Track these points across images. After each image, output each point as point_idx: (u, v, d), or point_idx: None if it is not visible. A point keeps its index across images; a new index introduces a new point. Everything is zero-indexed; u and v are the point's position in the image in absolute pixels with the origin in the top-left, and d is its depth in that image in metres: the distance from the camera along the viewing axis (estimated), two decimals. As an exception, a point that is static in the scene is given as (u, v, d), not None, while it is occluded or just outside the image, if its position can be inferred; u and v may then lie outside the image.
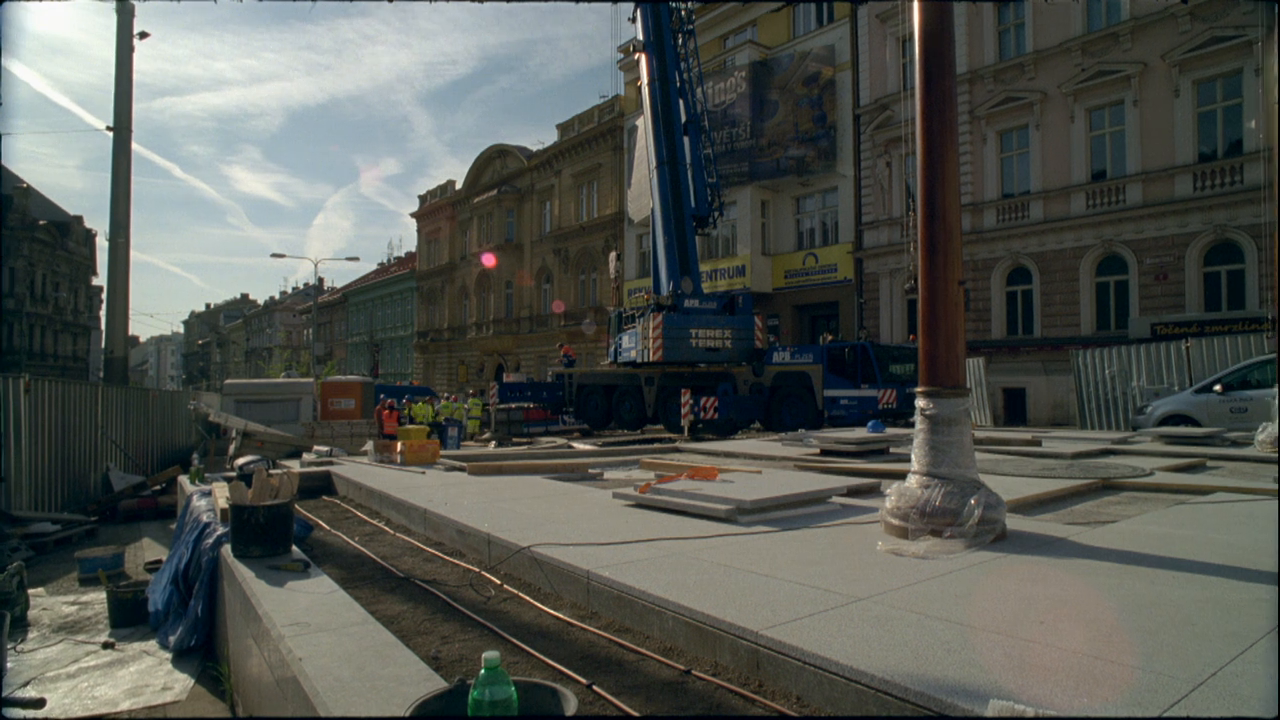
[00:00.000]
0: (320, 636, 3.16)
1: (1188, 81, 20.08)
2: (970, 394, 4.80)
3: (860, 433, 10.69)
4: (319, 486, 8.71)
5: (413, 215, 58.05)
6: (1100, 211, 21.35)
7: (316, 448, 11.72)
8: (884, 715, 2.36)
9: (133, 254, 19.61)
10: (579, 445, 13.47)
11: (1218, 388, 13.27)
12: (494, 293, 46.33)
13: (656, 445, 12.86)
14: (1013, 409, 21.69)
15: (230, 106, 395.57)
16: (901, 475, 4.72)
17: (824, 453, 9.51)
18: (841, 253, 27.76)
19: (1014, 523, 4.69)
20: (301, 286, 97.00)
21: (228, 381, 25.09)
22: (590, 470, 8.70)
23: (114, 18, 19.35)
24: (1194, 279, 19.87)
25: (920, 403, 4.54)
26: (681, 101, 21.06)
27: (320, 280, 75.61)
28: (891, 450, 9.44)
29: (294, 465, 9.71)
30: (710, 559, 4.06)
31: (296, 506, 6.16)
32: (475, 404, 23.06)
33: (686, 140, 20.88)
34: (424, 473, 8.47)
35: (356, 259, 64.92)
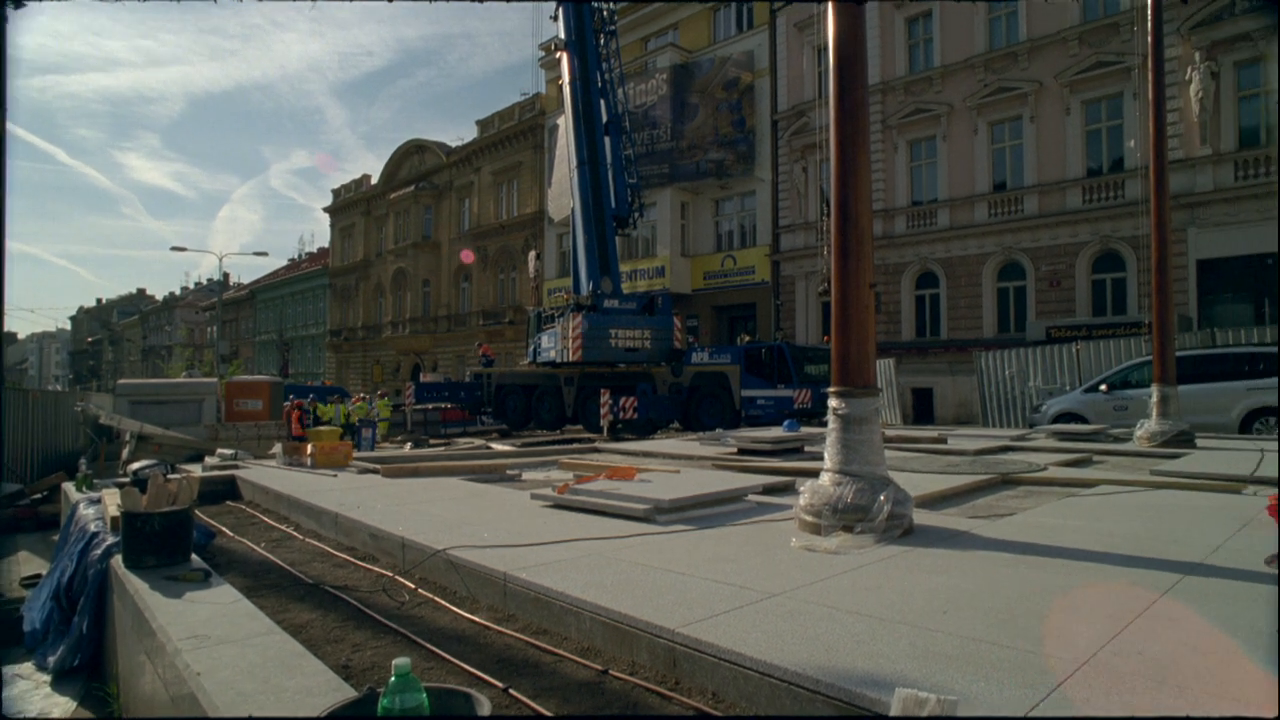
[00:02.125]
0: (221, 649, 3.01)
1: (1077, 101, 21.37)
2: (881, 394, 4.97)
3: (776, 432, 10.93)
4: (223, 491, 8.32)
5: (325, 210, 56.11)
6: (1001, 220, 22.48)
7: (220, 451, 11.19)
8: (796, 707, 2.42)
9: (9, 243, 18.25)
10: (497, 446, 13.30)
11: (1103, 387, 14.16)
12: (410, 291, 45.24)
13: (576, 445, 12.82)
14: (921, 408, 22.59)
15: (124, 89, 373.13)
16: (815, 473, 4.85)
17: (741, 452, 9.68)
18: (759, 255, 28.33)
19: (921, 517, 4.89)
20: (205, 282, 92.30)
21: (121, 382, 23.68)
22: (508, 471, 8.60)
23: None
24: (1083, 285, 21.17)
25: (833, 402, 4.67)
26: (603, 101, 21.04)
27: (226, 276, 72.32)
28: (806, 449, 9.69)
29: (195, 469, 9.25)
30: (628, 558, 4.07)
31: (197, 513, 5.87)
32: (384, 405, 22.45)
33: (607, 140, 20.88)
34: (336, 475, 8.20)
35: (265, 254, 62.43)
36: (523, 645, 3.31)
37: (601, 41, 21.38)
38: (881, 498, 4.32)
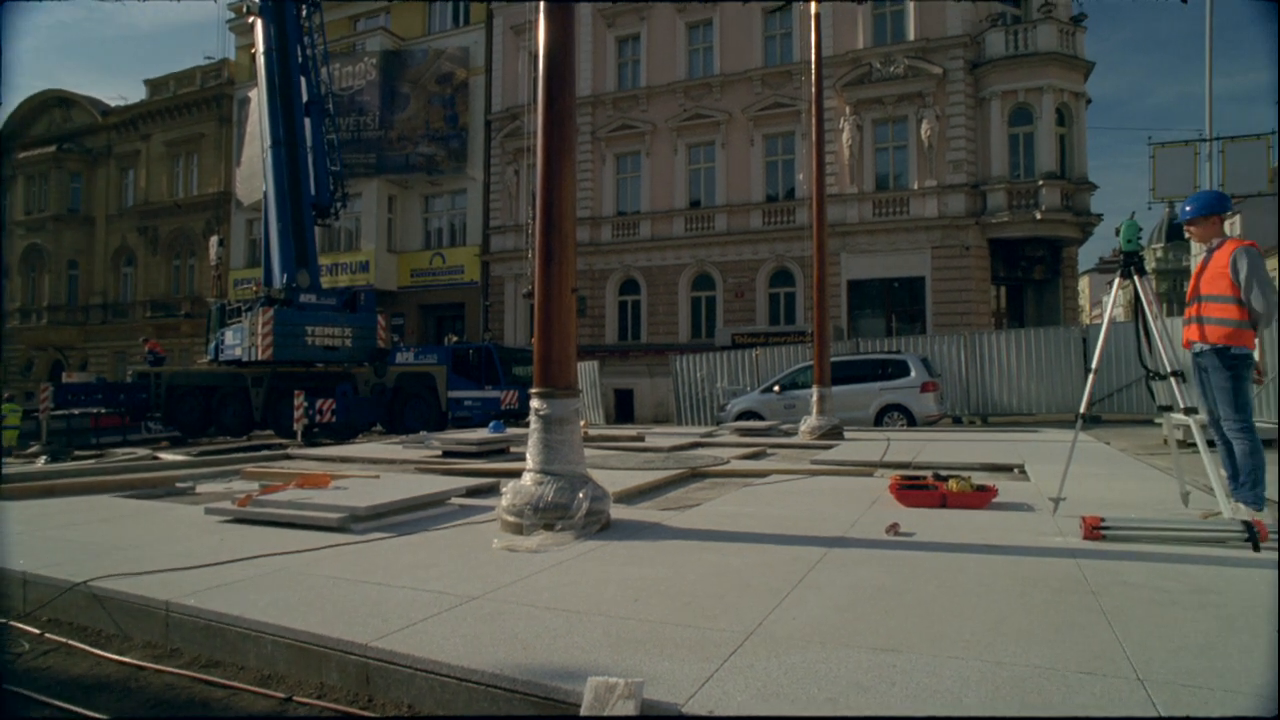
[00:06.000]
0: None
1: (759, 135, 24.19)
2: (581, 395, 5.16)
3: (482, 433, 10.88)
4: None
5: (-77, 166, 44.78)
6: (695, 235, 24.66)
7: None
8: (494, 708, 2.41)
9: None
10: (167, 456, 11.62)
11: (776, 389, 16.13)
12: (50, 273, 37.71)
13: (265, 452, 11.66)
14: (623, 407, 23.95)
15: None
16: (519, 474, 4.90)
17: (445, 454, 9.49)
18: (469, 255, 28.06)
19: (618, 512, 5.15)
20: None
21: None
22: (179, 484, 7.56)
23: None
24: (763, 298, 23.99)
25: (535, 403, 4.76)
26: (303, 79, 19.39)
27: None
28: (512, 450, 9.76)
29: None
30: (319, 572, 3.78)
31: None
32: (11, 410, 18.51)
33: (308, 121, 19.28)
34: (-70, 499, 6.55)
35: None
36: (187, 683, 2.91)
37: (303, 13, 19.70)
38: (581, 495, 4.49)
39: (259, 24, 19.26)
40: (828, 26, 21.40)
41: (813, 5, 12.48)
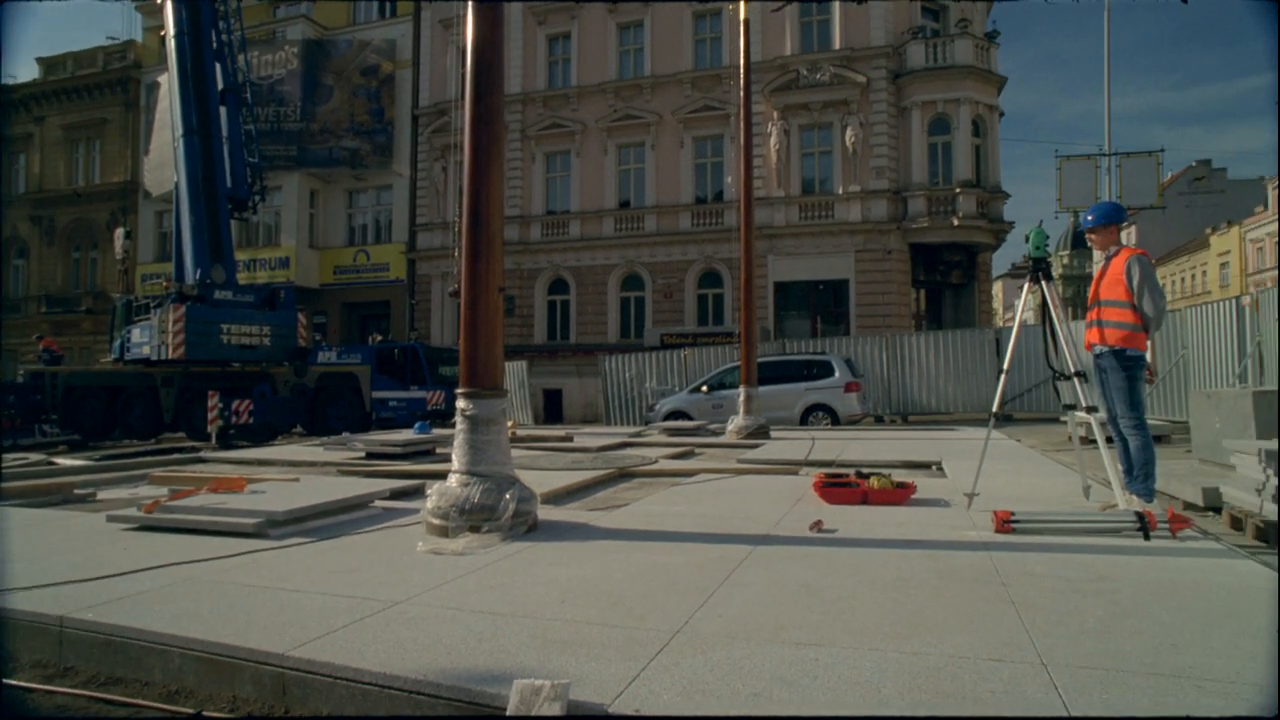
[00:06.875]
0: None
1: (689, 137, 24.42)
2: (507, 395, 5.11)
3: (406, 434, 10.66)
4: None
5: None
6: (625, 235, 24.72)
7: None
8: (416, 713, 2.36)
9: None
10: (64, 461, 10.95)
11: (704, 389, 16.31)
12: (-68, 265, 35.22)
13: (176, 456, 11.14)
14: (551, 408, 23.81)
15: None
16: (445, 475, 4.82)
17: (369, 456, 9.27)
18: (395, 252, 27.45)
19: (546, 513, 5.12)
20: None
21: None
22: (77, 491, 7.13)
23: None
24: (691, 299, 24.22)
25: (461, 403, 4.69)
26: (219, 66, 18.57)
27: None
28: (438, 451, 9.58)
29: None
30: (234, 580, 3.63)
31: None
32: None
33: (224, 110, 18.47)
34: None
35: None
36: (85, 703, 2.74)
37: (218, -5, 18.87)
38: (508, 496, 4.44)
39: (169, 5, 18.36)
40: (756, 32, 21.75)
41: (742, 9, 12.68)
